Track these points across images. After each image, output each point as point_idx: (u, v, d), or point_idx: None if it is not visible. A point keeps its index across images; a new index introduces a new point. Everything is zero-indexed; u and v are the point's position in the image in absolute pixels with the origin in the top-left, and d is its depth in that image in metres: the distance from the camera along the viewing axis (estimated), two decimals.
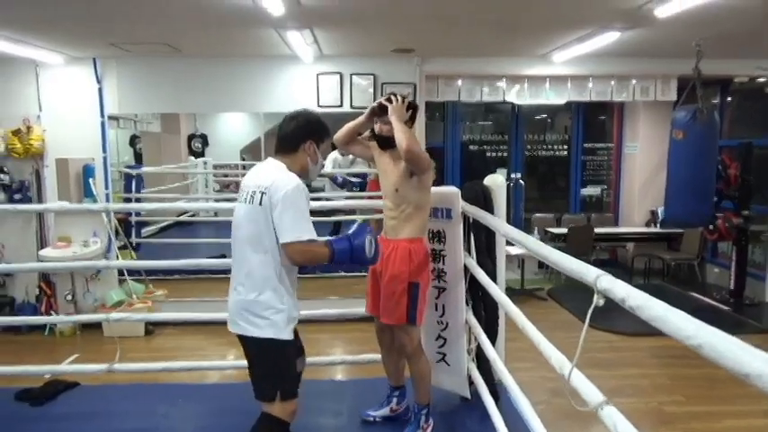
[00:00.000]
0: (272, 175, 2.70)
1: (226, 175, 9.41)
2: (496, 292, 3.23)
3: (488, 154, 9.68)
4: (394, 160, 3.41)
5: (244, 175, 2.87)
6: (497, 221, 3.34)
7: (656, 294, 1.49)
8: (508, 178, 9.10)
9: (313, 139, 2.83)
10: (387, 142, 3.42)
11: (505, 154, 9.67)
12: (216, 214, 8.13)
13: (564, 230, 8.25)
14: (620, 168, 9.56)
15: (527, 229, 8.87)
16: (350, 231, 2.77)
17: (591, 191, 9.77)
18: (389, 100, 3.35)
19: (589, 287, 1.79)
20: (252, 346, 2.74)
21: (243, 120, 8.94)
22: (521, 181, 9.33)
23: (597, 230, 8.38)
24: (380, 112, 3.39)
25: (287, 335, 2.70)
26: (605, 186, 9.84)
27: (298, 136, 2.82)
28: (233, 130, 9.23)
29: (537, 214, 9.48)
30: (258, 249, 2.68)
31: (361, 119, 3.54)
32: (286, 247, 2.61)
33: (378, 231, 3.00)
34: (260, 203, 2.66)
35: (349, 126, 3.54)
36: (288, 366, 2.75)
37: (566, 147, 9.77)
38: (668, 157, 6.12)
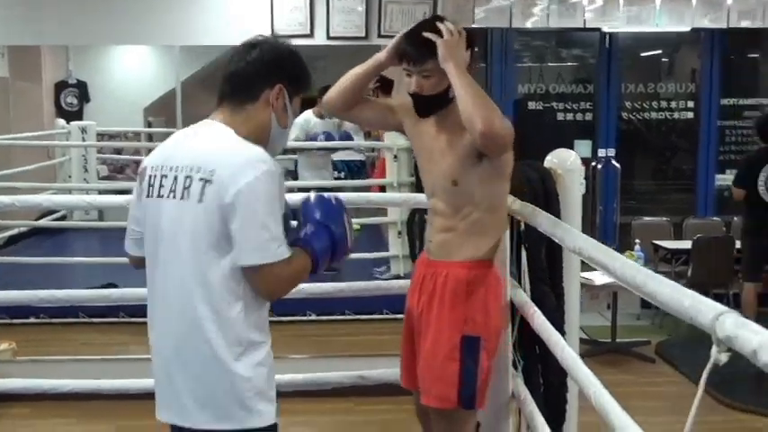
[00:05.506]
0: (216, 148, 2.18)
1: (119, 152, 8.99)
2: (564, 347, 2.80)
3: (561, 116, 8.74)
4: (445, 131, 2.88)
5: (151, 150, 2.45)
6: (566, 230, 2.85)
7: None
8: (593, 156, 8.26)
9: (284, 82, 2.24)
10: (430, 105, 2.84)
11: (589, 117, 8.76)
12: (101, 216, 8.02)
13: (687, 245, 7.35)
14: None
15: (623, 240, 8.00)
16: (317, 214, 2.31)
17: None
18: (434, 29, 2.75)
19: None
20: None
21: (148, 59, 8.70)
22: (614, 162, 8.39)
23: None
24: (414, 52, 2.80)
25: (274, 416, 2.27)
26: None
27: (261, 75, 2.24)
28: (131, 76, 8.76)
29: (642, 218, 8.37)
30: (197, 281, 2.17)
31: (371, 62, 2.98)
32: (256, 273, 2.13)
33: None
34: (199, 199, 2.11)
35: (352, 75, 2.98)
36: None
37: (691, 105, 8.80)
38: None
